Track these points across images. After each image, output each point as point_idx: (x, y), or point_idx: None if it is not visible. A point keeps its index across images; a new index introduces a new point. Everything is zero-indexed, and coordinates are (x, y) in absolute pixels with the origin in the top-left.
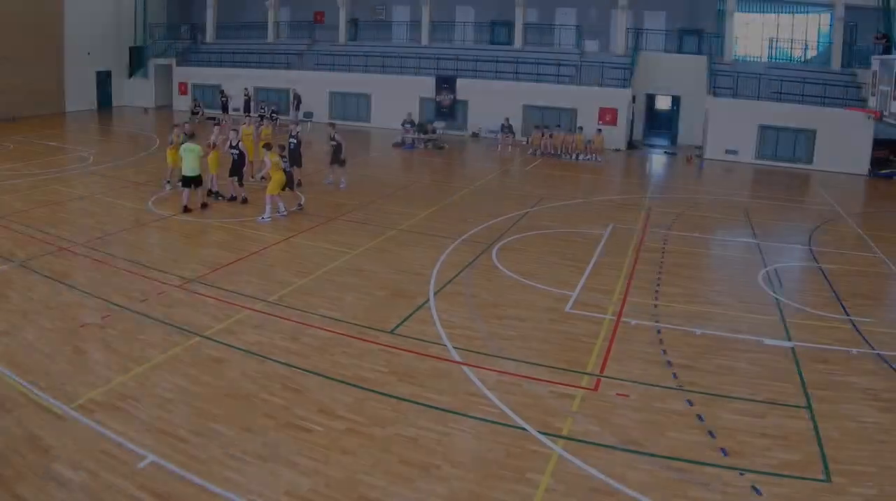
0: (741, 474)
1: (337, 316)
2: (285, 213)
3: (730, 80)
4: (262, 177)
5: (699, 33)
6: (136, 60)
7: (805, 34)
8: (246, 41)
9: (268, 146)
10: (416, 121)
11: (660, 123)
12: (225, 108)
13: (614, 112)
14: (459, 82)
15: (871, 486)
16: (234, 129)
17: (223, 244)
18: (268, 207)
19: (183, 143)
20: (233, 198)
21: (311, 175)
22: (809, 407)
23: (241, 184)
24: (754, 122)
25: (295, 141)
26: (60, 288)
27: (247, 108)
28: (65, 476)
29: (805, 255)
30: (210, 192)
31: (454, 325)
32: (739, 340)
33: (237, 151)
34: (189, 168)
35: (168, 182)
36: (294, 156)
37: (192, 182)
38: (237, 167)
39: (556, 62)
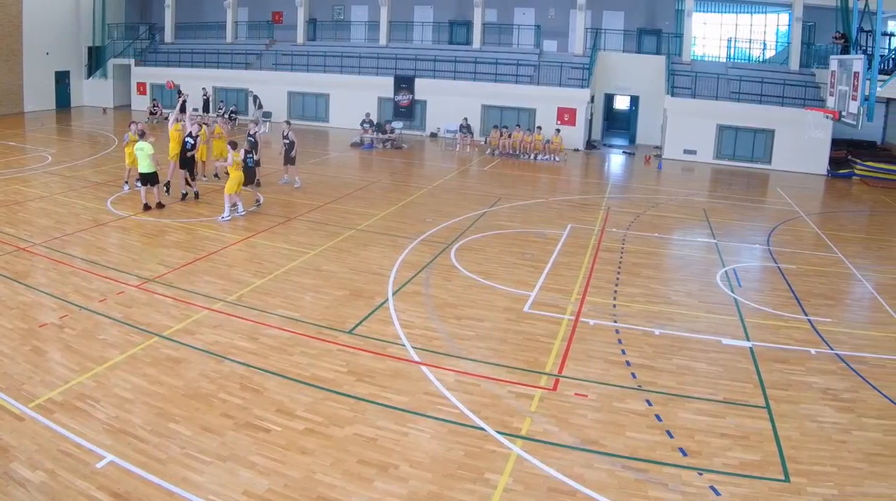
0: (700, 474)
1: (295, 316)
2: (243, 212)
3: (688, 80)
4: (216, 175)
5: (658, 33)
6: (95, 60)
7: (763, 34)
8: (204, 41)
9: (233, 144)
10: (375, 121)
11: (618, 123)
12: (182, 108)
13: (573, 112)
14: (418, 82)
15: (830, 486)
16: (202, 123)
17: (182, 244)
18: (227, 206)
19: (136, 143)
20: (184, 196)
21: (269, 175)
22: (768, 407)
23: (192, 179)
24: (713, 122)
25: (252, 140)
26: (19, 288)
27: (205, 108)
28: (23, 476)
29: (764, 255)
30: (166, 189)
31: (413, 325)
32: (698, 340)
33: (192, 141)
34: (144, 166)
35: (126, 182)
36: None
37: (149, 180)
38: (189, 161)
39: (514, 62)
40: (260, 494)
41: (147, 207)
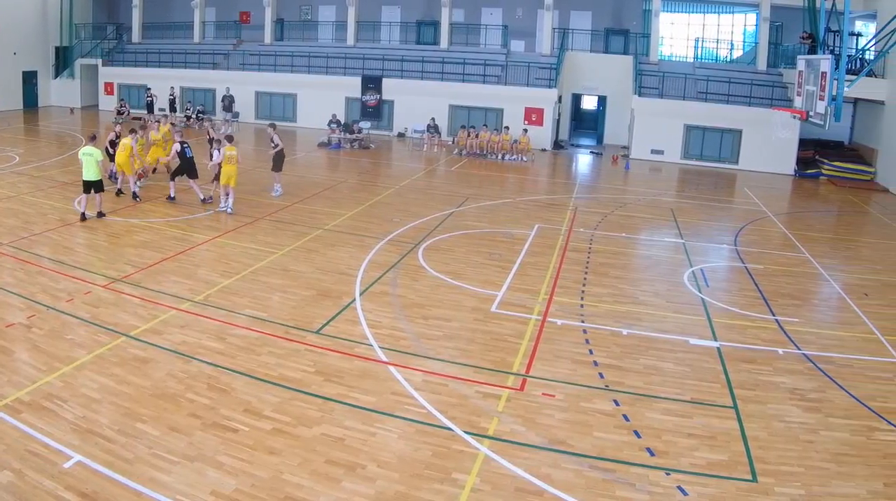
0: (667, 474)
1: (263, 315)
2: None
3: (656, 80)
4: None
5: (625, 33)
6: (63, 60)
7: (731, 34)
8: (172, 41)
9: (229, 138)
10: (343, 121)
11: (586, 123)
12: (150, 108)
13: (540, 112)
14: (385, 82)
15: (797, 486)
16: (178, 131)
17: (149, 244)
18: (223, 196)
19: (83, 147)
20: (207, 200)
21: (246, 173)
22: (736, 407)
23: (191, 178)
24: (680, 122)
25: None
26: None
27: (172, 108)
28: None
29: (731, 255)
30: (133, 194)
31: (380, 325)
32: (666, 340)
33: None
34: (89, 173)
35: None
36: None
37: (93, 187)
38: (190, 168)
39: (482, 62)
40: (227, 494)
41: (84, 217)
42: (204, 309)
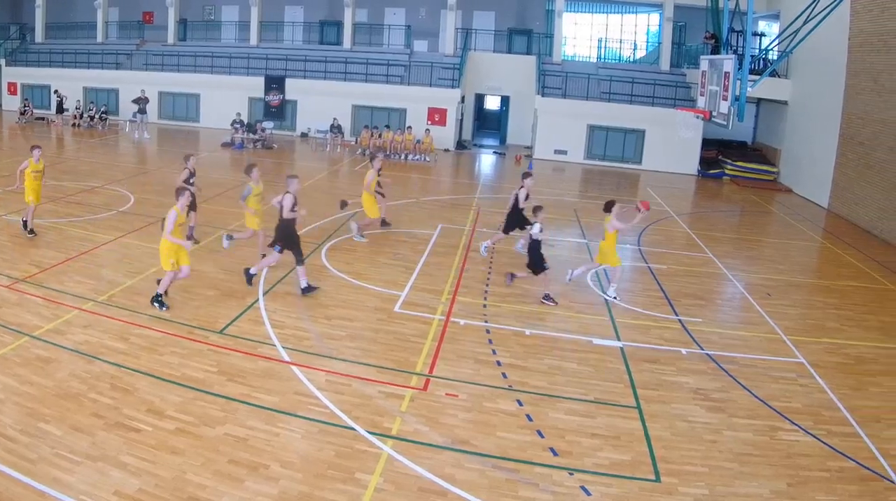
0: (571, 474)
1: (166, 315)
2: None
3: (559, 80)
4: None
5: (528, 33)
6: None
7: (634, 34)
8: (75, 41)
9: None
10: (246, 121)
11: (489, 123)
12: (60, 109)
13: (443, 112)
14: (289, 82)
15: (701, 486)
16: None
17: (52, 244)
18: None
19: None
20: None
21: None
22: (639, 406)
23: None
24: (583, 122)
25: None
26: None
27: (76, 109)
28: None
29: (634, 255)
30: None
31: (284, 325)
32: (569, 340)
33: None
34: None
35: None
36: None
37: None
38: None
39: (385, 62)
40: (131, 494)
41: None
42: (107, 309)
